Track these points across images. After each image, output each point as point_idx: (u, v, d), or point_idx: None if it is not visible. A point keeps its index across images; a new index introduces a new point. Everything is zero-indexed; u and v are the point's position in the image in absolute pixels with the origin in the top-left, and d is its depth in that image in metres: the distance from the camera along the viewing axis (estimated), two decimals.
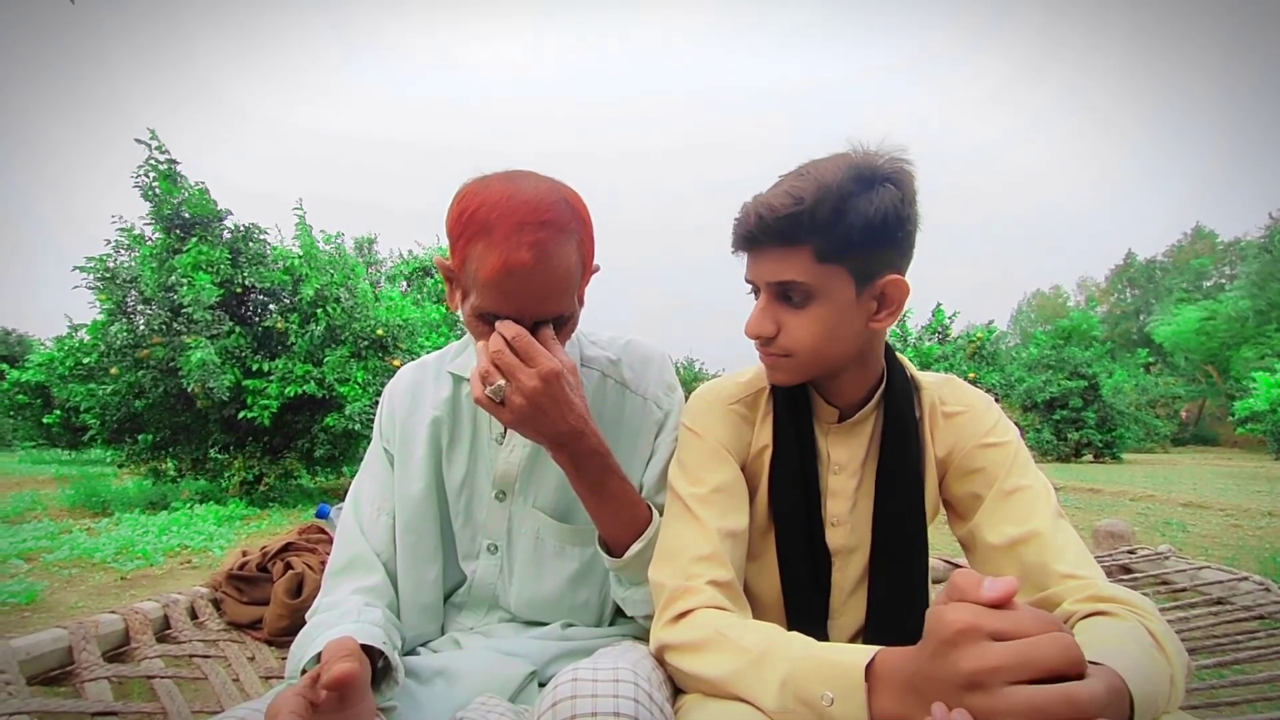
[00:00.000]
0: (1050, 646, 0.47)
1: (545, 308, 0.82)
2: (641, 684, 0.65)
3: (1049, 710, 0.45)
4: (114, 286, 5.93)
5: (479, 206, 0.78)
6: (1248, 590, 1.68)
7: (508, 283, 0.77)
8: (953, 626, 0.50)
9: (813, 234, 0.75)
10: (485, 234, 0.77)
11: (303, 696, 0.62)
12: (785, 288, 0.80)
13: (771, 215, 0.76)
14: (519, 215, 0.77)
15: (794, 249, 0.77)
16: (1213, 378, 20.44)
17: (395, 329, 6.71)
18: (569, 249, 0.81)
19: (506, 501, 0.97)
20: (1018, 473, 0.84)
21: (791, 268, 0.78)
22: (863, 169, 0.76)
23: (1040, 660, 0.47)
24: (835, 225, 0.74)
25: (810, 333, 0.80)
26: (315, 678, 0.64)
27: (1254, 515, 5.63)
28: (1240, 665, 1.41)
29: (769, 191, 0.79)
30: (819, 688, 0.60)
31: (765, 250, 0.80)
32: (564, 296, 0.83)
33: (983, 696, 0.48)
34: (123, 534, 4.54)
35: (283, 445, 6.60)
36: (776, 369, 0.86)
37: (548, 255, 0.78)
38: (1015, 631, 0.48)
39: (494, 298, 0.79)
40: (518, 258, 0.76)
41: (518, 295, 0.79)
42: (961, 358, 11.06)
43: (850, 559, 0.91)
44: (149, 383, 5.88)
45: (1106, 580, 0.74)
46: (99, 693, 1.14)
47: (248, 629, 1.59)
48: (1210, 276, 27.65)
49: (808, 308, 0.80)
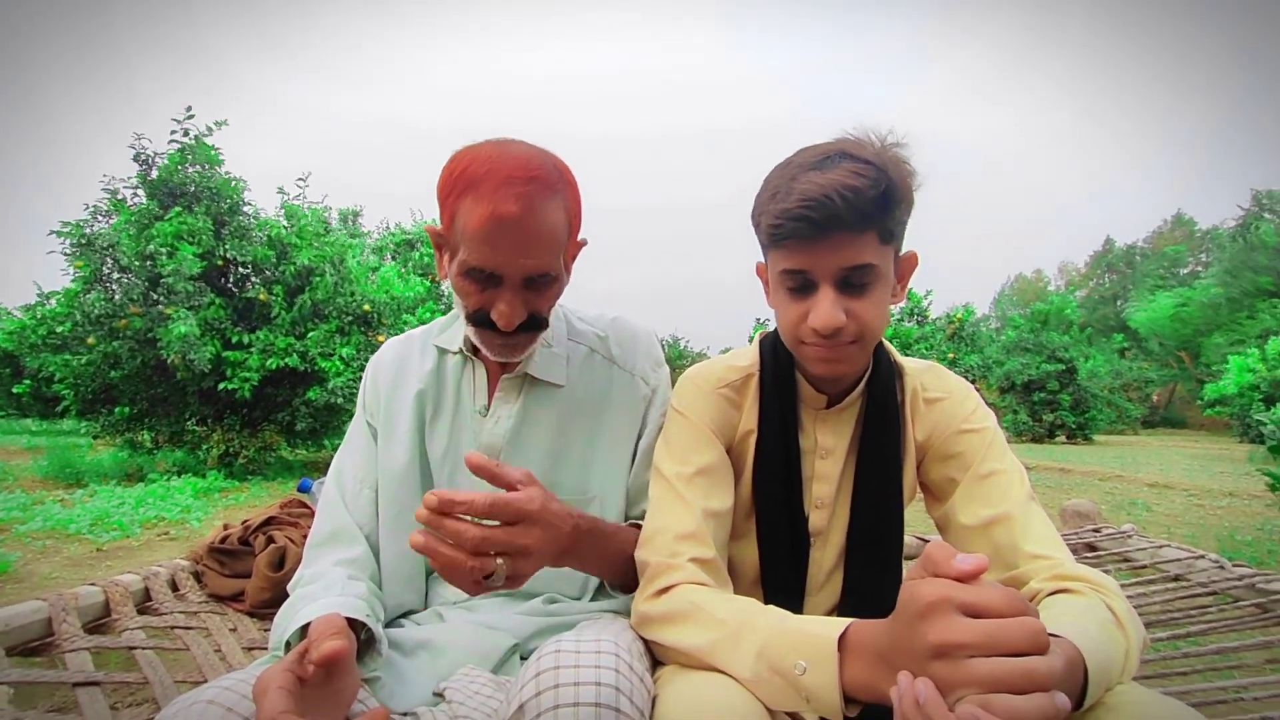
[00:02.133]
0: (1018, 630, 0.49)
1: (531, 261, 0.82)
2: (622, 655, 0.67)
3: (1008, 682, 0.47)
4: (90, 253, 5.77)
5: (469, 164, 0.81)
6: (1203, 568, 1.74)
7: (495, 233, 0.79)
8: (925, 599, 0.52)
9: (881, 216, 0.76)
10: (473, 188, 0.79)
11: (290, 671, 0.63)
12: (855, 273, 0.77)
13: (855, 196, 0.73)
14: (507, 170, 0.79)
15: (864, 233, 0.76)
16: (1184, 363, 20.95)
17: (381, 305, 6.64)
18: (555, 207, 0.83)
19: None
20: (993, 458, 0.87)
21: (863, 251, 0.76)
22: (897, 151, 0.78)
23: (1006, 642, 0.48)
24: (895, 206, 0.77)
25: (876, 315, 0.80)
26: (303, 652, 0.65)
27: (1216, 495, 5.85)
28: (1193, 638, 1.48)
29: (827, 179, 0.74)
30: (793, 657, 0.62)
31: (833, 236, 0.75)
32: (550, 254, 0.84)
33: (946, 666, 0.50)
34: (98, 505, 4.50)
35: (262, 418, 6.54)
36: (844, 361, 0.82)
37: (534, 209, 0.80)
38: (985, 609, 0.50)
39: (481, 251, 0.80)
40: (505, 209, 0.78)
41: (504, 246, 0.80)
42: (941, 339, 11.22)
43: (829, 540, 0.93)
44: (126, 354, 5.77)
45: (1073, 560, 0.77)
46: (80, 663, 1.14)
47: (230, 601, 1.59)
48: (1186, 264, 28.14)
49: (872, 292, 0.79)
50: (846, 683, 0.59)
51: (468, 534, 0.65)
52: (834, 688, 0.59)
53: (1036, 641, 0.49)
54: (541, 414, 0.97)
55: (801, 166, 0.77)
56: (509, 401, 0.97)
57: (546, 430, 0.97)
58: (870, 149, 0.77)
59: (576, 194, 0.89)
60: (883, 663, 0.57)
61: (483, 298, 0.85)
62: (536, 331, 0.90)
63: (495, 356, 0.91)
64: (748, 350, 0.98)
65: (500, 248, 0.80)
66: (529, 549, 0.69)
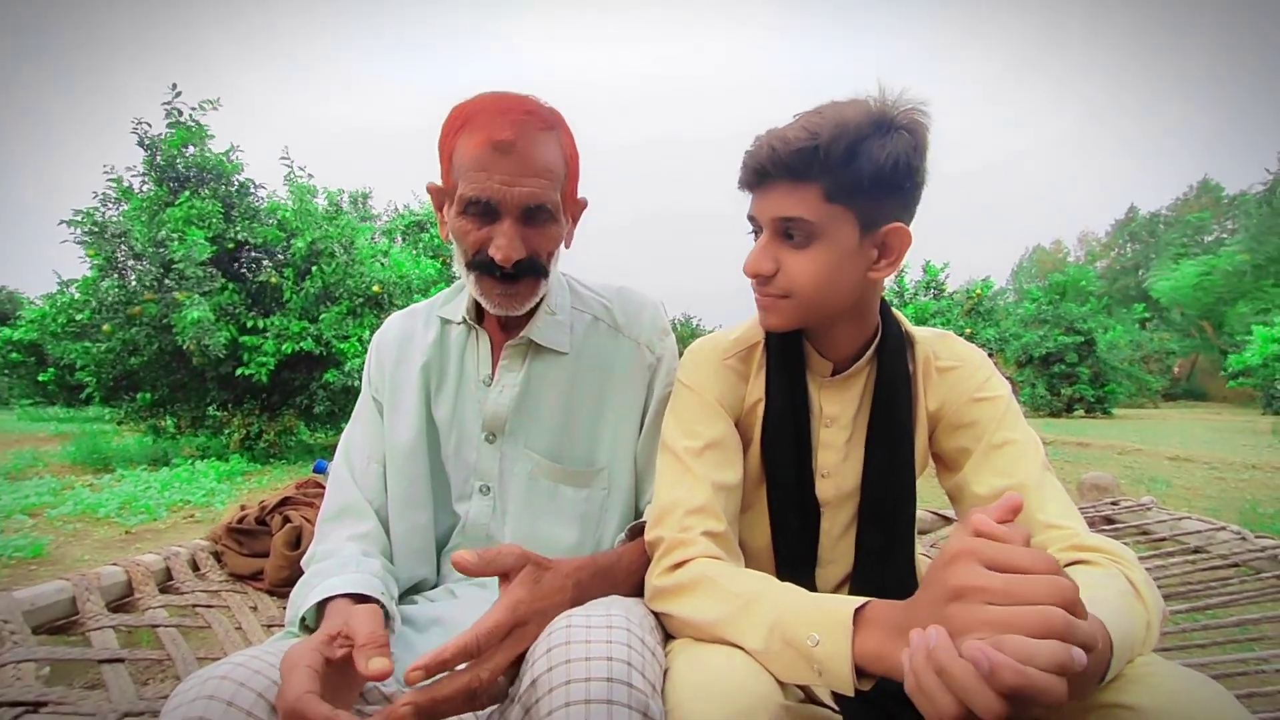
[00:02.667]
0: (1042, 585, 0.48)
1: (527, 188, 0.82)
2: (634, 629, 0.67)
3: (1021, 625, 0.46)
4: (103, 241, 5.82)
5: (465, 105, 0.85)
6: (1224, 539, 1.72)
7: (490, 159, 0.81)
8: (950, 550, 0.52)
9: (824, 172, 0.75)
10: (469, 121, 0.83)
11: (318, 651, 0.64)
12: (789, 224, 0.78)
13: (785, 148, 0.75)
14: (503, 104, 0.83)
15: (803, 185, 0.76)
16: (1206, 333, 20.51)
17: (391, 286, 6.65)
18: (550, 140, 0.86)
19: (497, 443, 0.97)
20: (1007, 427, 0.85)
21: (799, 204, 0.76)
22: (880, 113, 0.75)
23: (1028, 594, 0.47)
24: (847, 165, 0.74)
25: (810, 273, 0.79)
26: (334, 635, 0.67)
27: (1238, 468, 5.76)
28: (1213, 610, 1.46)
29: (784, 126, 0.77)
30: (806, 630, 0.62)
31: (773, 185, 0.78)
32: (546, 184, 0.84)
33: (961, 608, 0.49)
34: (125, 490, 4.61)
35: (281, 402, 6.62)
36: (771, 311, 0.84)
37: (530, 136, 0.83)
38: (1011, 564, 0.49)
39: (477, 179, 0.82)
40: (500, 134, 0.81)
41: (500, 171, 0.81)
42: (958, 313, 11.05)
43: (839, 510, 0.93)
44: (143, 340, 5.85)
45: (1089, 531, 0.76)
46: (105, 641, 1.17)
47: (249, 580, 1.62)
48: (1210, 231, 27.42)
49: (810, 248, 0.78)
50: (859, 654, 0.59)
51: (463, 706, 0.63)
52: (846, 658, 0.59)
53: (1064, 600, 0.47)
54: (546, 383, 0.97)
55: None
56: (513, 370, 0.97)
57: (552, 400, 0.96)
58: (854, 107, 0.75)
59: (572, 140, 0.90)
60: (899, 634, 0.56)
61: (481, 234, 0.85)
62: (537, 278, 0.89)
63: (496, 308, 0.90)
64: (752, 320, 0.97)
65: (496, 173, 0.81)
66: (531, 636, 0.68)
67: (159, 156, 6.00)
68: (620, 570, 0.85)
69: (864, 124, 0.74)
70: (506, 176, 0.82)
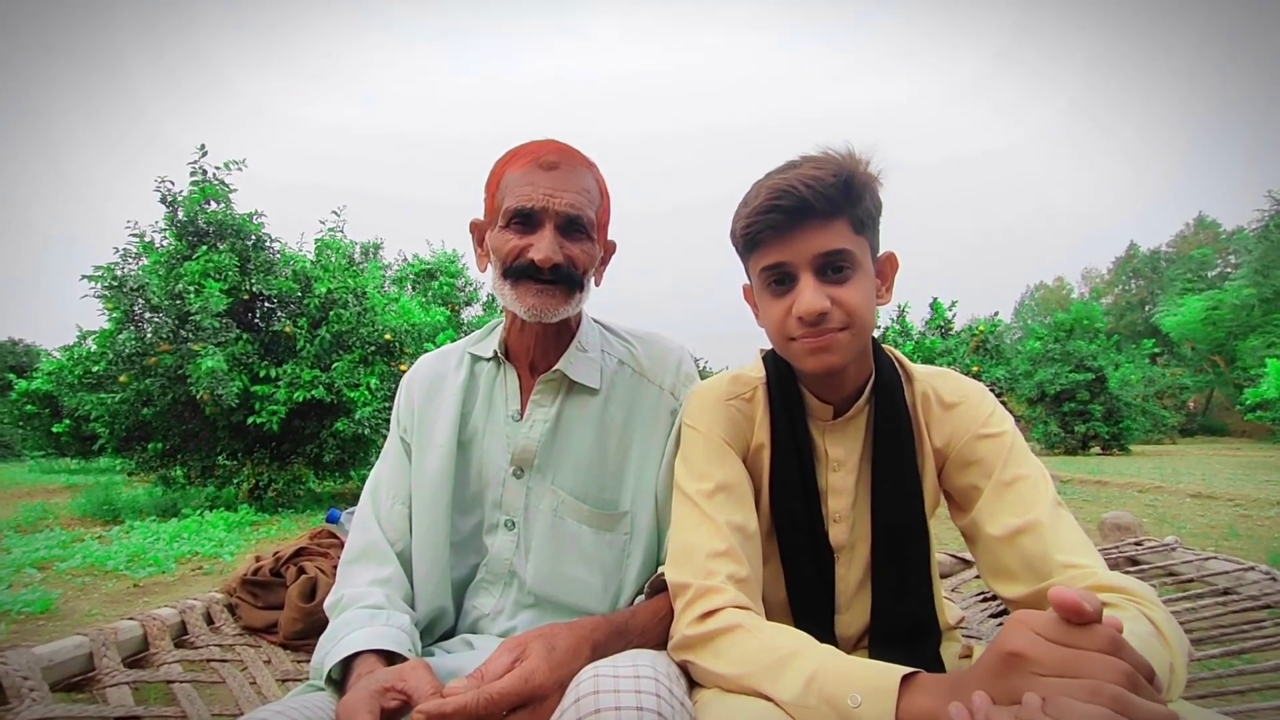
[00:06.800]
0: (1101, 665, 0.47)
1: (567, 198, 0.91)
2: (661, 680, 0.66)
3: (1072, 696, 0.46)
4: (121, 295, 5.98)
5: (512, 148, 0.96)
6: (1254, 580, 1.68)
7: (536, 174, 0.91)
8: (1012, 621, 0.52)
9: (850, 205, 0.80)
10: (516, 155, 0.94)
11: (376, 701, 0.67)
12: (834, 258, 0.80)
13: (819, 184, 0.78)
14: (545, 142, 0.95)
15: (835, 220, 0.80)
16: (1220, 367, 20.33)
17: (402, 334, 6.74)
18: (589, 174, 0.96)
19: (524, 478, 0.98)
20: (1015, 462, 0.85)
21: (837, 238, 0.80)
22: (858, 157, 0.82)
23: (1084, 670, 0.47)
24: (863, 198, 0.81)
25: (860, 301, 0.81)
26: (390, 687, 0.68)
27: (1263, 505, 5.62)
28: (1247, 655, 1.42)
29: (791, 174, 0.80)
30: (847, 689, 0.61)
31: (806, 225, 0.80)
32: (584, 202, 0.93)
33: (1012, 677, 0.50)
34: (134, 541, 4.58)
35: (291, 451, 6.63)
36: (832, 350, 0.81)
37: (572, 162, 0.94)
38: (1068, 638, 0.49)
39: (522, 190, 0.90)
40: (545, 157, 0.92)
41: (543, 183, 0.90)
42: (965, 351, 11.02)
43: (853, 554, 0.92)
44: (157, 390, 5.93)
45: (1107, 568, 0.75)
46: (120, 698, 1.16)
47: (263, 633, 1.61)
48: (1214, 266, 27.49)
49: (852, 279, 0.81)
50: (902, 714, 0.58)
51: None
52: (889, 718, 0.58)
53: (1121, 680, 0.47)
54: (578, 421, 0.98)
55: (767, 176, 0.84)
56: (544, 405, 0.98)
57: (582, 438, 0.98)
58: (830, 155, 0.82)
59: (605, 185, 1.00)
60: (948, 696, 0.55)
61: (521, 242, 0.90)
62: (571, 290, 0.93)
63: (530, 313, 0.92)
64: (753, 363, 0.99)
65: (540, 186, 0.90)
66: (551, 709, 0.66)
67: (180, 212, 6.21)
68: (636, 627, 0.85)
69: (857, 165, 0.81)
70: (549, 189, 0.90)
